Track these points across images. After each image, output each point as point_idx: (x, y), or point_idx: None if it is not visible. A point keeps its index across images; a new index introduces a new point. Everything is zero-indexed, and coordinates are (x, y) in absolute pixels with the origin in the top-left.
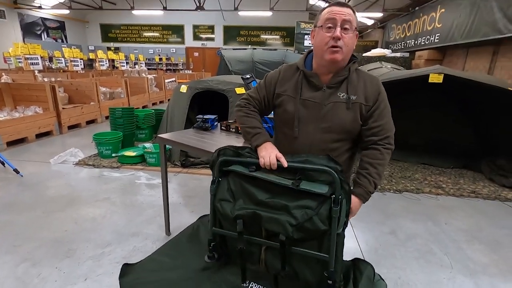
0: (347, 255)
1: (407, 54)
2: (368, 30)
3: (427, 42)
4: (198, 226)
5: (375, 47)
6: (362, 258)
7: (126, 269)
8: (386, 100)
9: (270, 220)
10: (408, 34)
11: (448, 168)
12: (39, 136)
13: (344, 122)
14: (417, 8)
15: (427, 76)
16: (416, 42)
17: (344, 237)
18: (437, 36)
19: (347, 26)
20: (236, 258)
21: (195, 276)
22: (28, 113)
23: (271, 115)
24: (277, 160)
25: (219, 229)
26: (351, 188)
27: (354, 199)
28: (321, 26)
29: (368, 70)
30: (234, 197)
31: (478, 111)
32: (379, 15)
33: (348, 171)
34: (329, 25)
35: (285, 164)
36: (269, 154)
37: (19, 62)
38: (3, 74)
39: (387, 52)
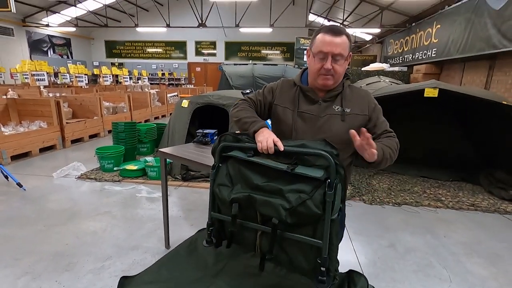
0: (345, 268)
1: (405, 68)
2: (367, 45)
3: (424, 57)
4: (196, 239)
5: (373, 61)
6: (361, 271)
7: (124, 281)
8: (380, 108)
9: (264, 203)
10: (405, 49)
11: (447, 181)
12: (43, 150)
13: (340, 133)
14: (413, 24)
15: (423, 90)
16: (413, 56)
17: (338, 224)
18: (434, 50)
19: (338, 58)
20: (235, 242)
21: (189, 286)
22: (32, 127)
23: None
24: (274, 144)
25: (217, 214)
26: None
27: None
28: (314, 54)
29: (366, 84)
30: (233, 182)
31: (476, 124)
32: (376, 31)
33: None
34: (321, 56)
35: (282, 147)
36: (266, 138)
37: (26, 78)
38: (9, 89)
39: (385, 66)
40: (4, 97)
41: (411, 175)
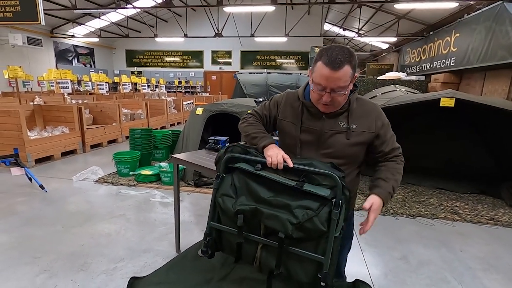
0: (354, 278)
1: (422, 78)
2: (383, 54)
3: (442, 66)
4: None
5: (390, 70)
6: (371, 283)
7: (133, 282)
8: (389, 126)
9: (271, 216)
10: (423, 58)
11: (465, 194)
12: (64, 154)
13: (344, 149)
14: (431, 32)
15: (439, 100)
16: (431, 65)
17: (340, 241)
18: (453, 59)
19: (338, 90)
20: (230, 254)
21: (196, 285)
22: (56, 132)
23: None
24: (284, 161)
25: (216, 224)
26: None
27: (375, 199)
28: (313, 82)
29: (382, 93)
30: (237, 193)
31: (496, 135)
32: (393, 39)
33: (352, 191)
34: (319, 88)
35: (291, 164)
36: (276, 154)
37: (51, 85)
38: (36, 96)
39: (402, 75)
40: (31, 103)
41: (427, 187)
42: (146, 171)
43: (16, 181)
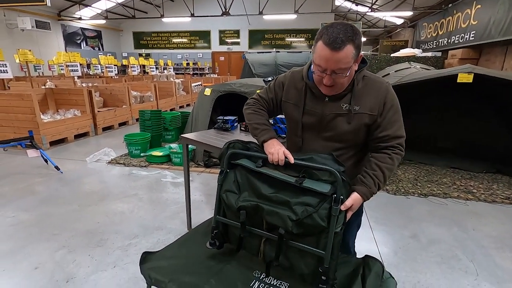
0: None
1: (439, 54)
2: (398, 30)
3: (461, 40)
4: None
5: (404, 47)
6: (380, 260)
7: (146, 256)
8: (394, 106)
9: (271, 213)
10: (440, 33)
11: (480, 173)
12: (77, 136)
13: (345, 133)
14: (450, 5)
15: (456, 75)
16: (449, 40)
17: (341, 237)
18: (473, 33)
19: (339, 72)
20: (236, 246)
21: (206, 263)
22: (68, 115)
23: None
24: (285, 157)
25: (222, 218)
26: (354, 185)
27: (356, 196)
28: (314, 62)
29: (395, 71)
30: (240, 189)
31: None
32: (408, 14)
33: (354, 176)
34: (320, 69)
35: (292, 160)
36: (277, 150)
37: (61, 69)
38: (48, 80)
39: (417, 52)
40: (43, 87)
41: (440, 166)
42: (156, 152)
43: (32, 162)
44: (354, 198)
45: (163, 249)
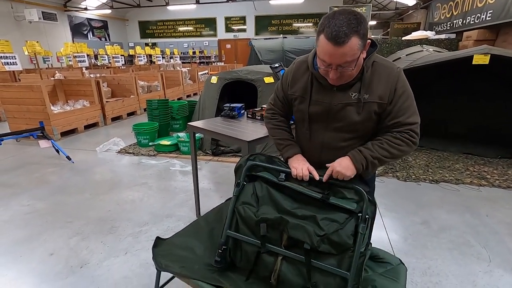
0: (373, 243)
1: (453, 36)
2: (409, 12)
3: (477, 21)
4: (222, 208)
5: (416, 29)
6: (390, 247)
7: (159, 241)
8: (406, 92)
9: (296, 226)
10: (455, 13)
11: (494, 158)
12: (87, 127)
13: (355, 122)
14: None
15: (471, 57)
16: (464, 21)
17: (365, 258)
18: (489, 13)
19: (345, 65)
20: (245, 266)
21: (215, 249)
22: (77, 106)
23: None
24: (309, 172)
25: (234, 233)
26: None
27: (345, 160)
28: (318, 55)
29: (406, 55)
30: (258, 203)
31: None
32: None
33: None
34: (325, 64)
35: (317, 177)
36: (301, 166)
37: (70, 60)
38: (57, 72)
39: (430, 34)
40: (52, 78)
41: (453, 152)
42: (165, 142)
43: (45, 153)
44: (341, 159)
45: (173, 236)
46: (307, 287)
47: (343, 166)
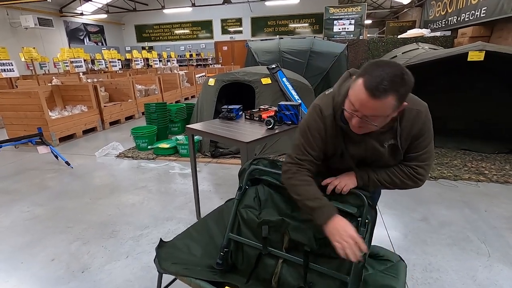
0: (373, 241)
1: (448, 33)
2: (405, 10)
3: (471, 18)
4: (223, 209)
5: (412, 27)
6: (390, 244)
7: (162, 243)
8: (426, 134)
9: (297, 229)
10: (449, 11)
11: (492, 154)
12: (85, 132)
13: (384, 162)
14: None
15: (466, 54)
16: (459, 18)
17: (364, 263)
18: (484, 10)
19: (370, 120)
20: (246, 268)
21: (216, 251)
22: (75, 111)
23: (294, 102)
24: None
25: (236, 236)
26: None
27: (351, 174)
28: (348, 97)
29: (403, 53)
30: (261, 206)
31: None
32: None
33: None
34: (352, 107)
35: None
36: (346, 236)
37: (66, 66)
38: (54, 77)
39: (425, 32)
40: (49, 84)
41: (451, 148)
42: (163, 145)
43: (43, 158)
44: (347, 173)
45: (173, 239)
46: (303, 287)
47: (346, 177)
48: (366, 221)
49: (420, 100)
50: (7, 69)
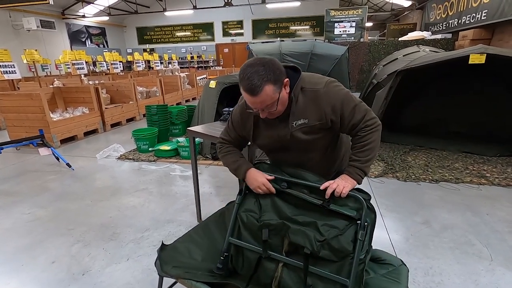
0: (374, 244)
1: (449, 35)
2: (405, 13)
3: (472, 21)
4: (224, 211)
5: (412, 30)
6: (392, 248)
7: (164, 246)
8: (345, 101)
9: (297, 232)
10: (450, 13)
11: (493, 157)
12: (87, 134)
13: (309, 144)
14: None
15: (468, 57)
16: (459, 21)
17: (365, 265)
18: (485, 12)
19: (268, 109)
20: (246, 273)
21: (218, 254)
22: (76, 113)
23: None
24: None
25: (236, 240)
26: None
27: (342, 175)
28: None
29: (403, 55)
30: (261, 210)
31: None
32: None
33: (331, 162)
34: (252, 107)
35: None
36: (259, 183)
37: (68, 68)
38: (55, 79)
39: (426, 34)
40: (51, 86)
41: (452, 151)
42: (164, 147)
43: (45, 160)
44: (344, 176)
45: (174, 242)
46: None
47: (342, 180)
48: (366, 223)
49: (319, 80)
50: (9, 71)
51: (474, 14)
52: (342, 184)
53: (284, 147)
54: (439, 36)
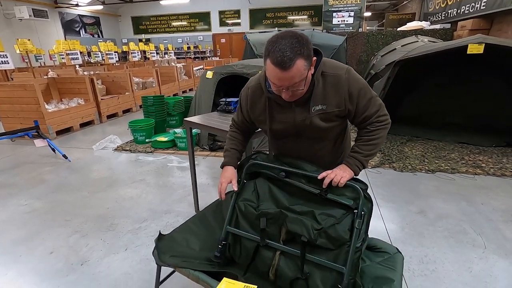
0: (371, 233)
1: (448, 26)
2: (404, 2)
3: (471, 10)
4: (221, 202)
5: (411, 20)
6: (387, 236)
7: (161, 236)
8: (362, 91)
9: (295, 220)
10: (449, 3)
11: (489, 147)
12: (83, 125)
13: (323, 132)
14: None
15: (466, 47)
16: (459, 11)
17: (361, 253)
18: (484, 2)
19: (295, 87)
20: (244, 261)
21: (215, 244)
22: (72, 104)
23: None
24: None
25: (234, 229)
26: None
27: (340, 165)
28: (267, 77)
29: (402, 46)
30: (259, 199)
31: None
32: None
33: (339, 154)
34: (275, 86)
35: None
36: (221, 180)
37: (62, 58)
38: (50, 70)
39: (424, 24)
40: (45, 77)
41: (449, 142)
42: (161, 138)
43: (40, 152)
44: (342, 166)
45: (172, 231)
46: (300, 278)
47: (340, 170)
48: (362, 213)
49: (340, 65)
50: (2, 61)
51: (473, 4)
52: (340, 174)
53: (299, 133)
54: (437, 26)
